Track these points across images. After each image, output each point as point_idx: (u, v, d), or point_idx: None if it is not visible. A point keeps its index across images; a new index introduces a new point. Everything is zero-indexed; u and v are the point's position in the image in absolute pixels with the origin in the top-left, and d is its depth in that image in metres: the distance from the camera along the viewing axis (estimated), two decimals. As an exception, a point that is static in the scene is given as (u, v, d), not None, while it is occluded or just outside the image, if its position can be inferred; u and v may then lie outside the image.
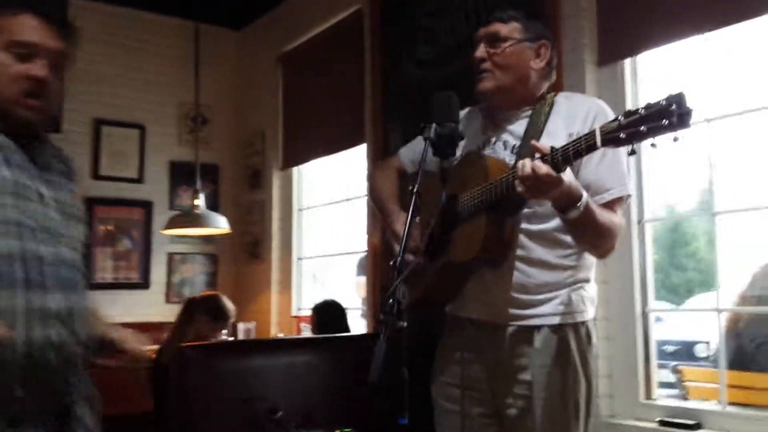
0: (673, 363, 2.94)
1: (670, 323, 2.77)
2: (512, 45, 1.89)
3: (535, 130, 1.87)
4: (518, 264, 1.82)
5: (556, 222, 1.79)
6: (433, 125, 1.76)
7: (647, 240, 2.65)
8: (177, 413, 2.90)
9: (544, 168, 1.55)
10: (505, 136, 1.92)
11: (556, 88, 2.76)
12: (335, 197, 4.58)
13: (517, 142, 1.88)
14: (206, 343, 3.09)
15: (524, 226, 1.81)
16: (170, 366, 3.01)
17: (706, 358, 6.80)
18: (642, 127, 1.37)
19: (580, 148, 1.50)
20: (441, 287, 1.92)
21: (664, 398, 2.57)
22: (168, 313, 4.84)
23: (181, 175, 5.02)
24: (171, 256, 4.99)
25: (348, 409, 3.09)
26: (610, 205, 1.78)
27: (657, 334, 2.64)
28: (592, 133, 1.48)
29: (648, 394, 2.56)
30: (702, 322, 3.27)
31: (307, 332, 4.14)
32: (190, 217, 4.16)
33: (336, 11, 4.24)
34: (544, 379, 1.78)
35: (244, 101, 5.25)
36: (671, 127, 1.33)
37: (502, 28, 1.91)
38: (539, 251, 1.82)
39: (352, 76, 4.05)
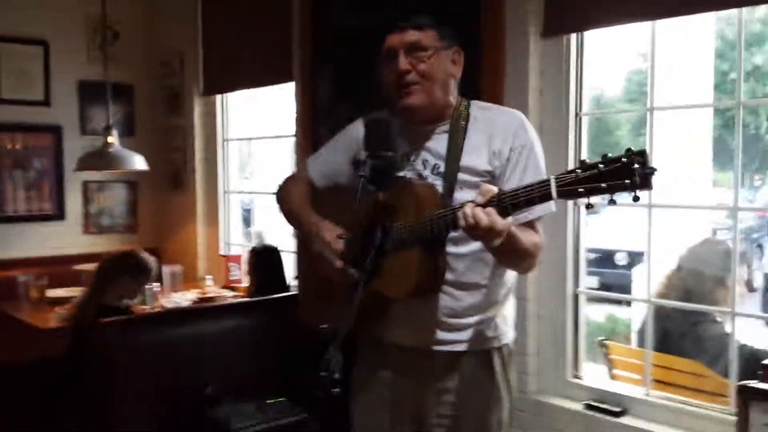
0: (600, 338, 3.00)
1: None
2: (434, 54, 1.76)
3: (456, 148, 1.79)
4: (447, 288, 1.78)
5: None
6: (368, 161, 1.63)
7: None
8: (98, 389, 2.81)
9: (485, 219, 1.46)
10: (425, 154, 1.84)
11: (499, 58, 2.66)
12: (265, 132, 4.34)
13: (438, 162, 1.81)
14: (127, 317, 2.95)
15: (452, 249, 1.75)
16: (89, 340, 2.88)
17: (625, 266, 7.13)
18: (602, 184, 1.30)
19: (533, 197, 1.42)
20: (363, 312, 1.83)
21: (591, 377, 2.63)
22: (86, 245, 4.63)
23: (93, 96, 4.61)
24: (86, 185, 4.70)
25: (280, 376, 3.07)
26: (531, 224, 1.75)
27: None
28: (546, 183, 1.39)
29: (575, 373, 2.63)
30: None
31: (237, 273, 4.05)
32: (102, 158, 3.86)
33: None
34: (468, 400, 1.83)
35: (159, 17, 4.78)
36: (633, 187, 1.27)
37: (421, 36, 1.77)
38: (468, 274, 1.80)
39: (278, 12, 3.74)
